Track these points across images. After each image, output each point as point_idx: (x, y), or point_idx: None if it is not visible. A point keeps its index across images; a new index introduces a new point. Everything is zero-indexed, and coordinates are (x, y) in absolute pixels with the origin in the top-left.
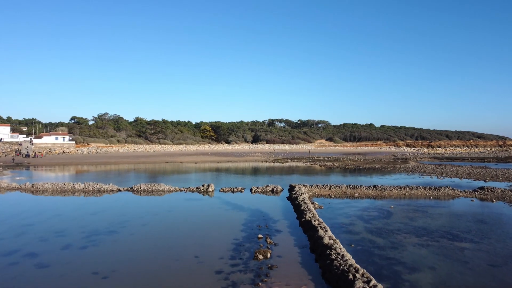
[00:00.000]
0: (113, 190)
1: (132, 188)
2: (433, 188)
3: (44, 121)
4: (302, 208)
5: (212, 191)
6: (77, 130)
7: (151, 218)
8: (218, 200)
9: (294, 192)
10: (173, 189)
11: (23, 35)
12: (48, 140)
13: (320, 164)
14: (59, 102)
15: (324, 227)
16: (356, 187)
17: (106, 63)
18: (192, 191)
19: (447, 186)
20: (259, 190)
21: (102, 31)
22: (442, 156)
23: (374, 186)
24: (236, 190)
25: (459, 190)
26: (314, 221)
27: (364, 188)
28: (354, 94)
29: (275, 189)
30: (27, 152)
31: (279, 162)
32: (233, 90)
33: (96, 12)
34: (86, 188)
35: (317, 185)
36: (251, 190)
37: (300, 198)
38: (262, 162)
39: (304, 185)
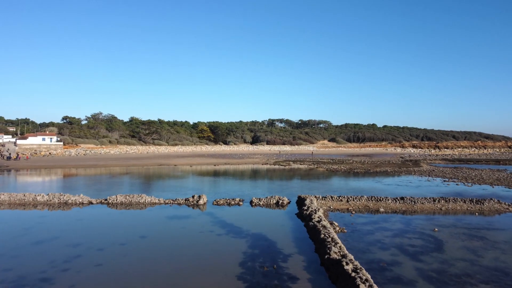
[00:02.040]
0: (83, 203)
1: (106, 200)
2: (474, 200)
3: (38, 121)
4: (322, 236)
5: (204, 204)
6: (67, 130)
7: (112, 253)
8: (209, 218)
9: (305, 208)
10: (157, 201)
11: (22, 34)
12: (33, 141)
13: (325, 167)
14: (55, 102)
15: (365, 279)
16: (380, 199)
17: (103, 63)
18: (179, 204)
19: (491, 199)
20: (260, 203)
21: (102, 31)
22: (453, 158)
23: (402, 199)
24: (233, 202)
25: (507, 203)
26: (347, 264)
27: (390, 201)
28: (355, 93)
29: (280, 201)
30: (9, 154)
31: (281, 165)
32: (232, 90)
33: (96, 13)
34: (50, 200)
35: (331, 197)
36: (251, 202)
37: (316, 218)
38: (262, 164)
39: (315, 197)
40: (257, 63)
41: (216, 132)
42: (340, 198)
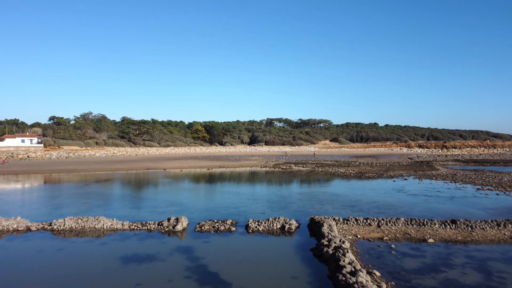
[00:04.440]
0: (18, 230)
1: (51, 225)
2: None
3: (29, 122)
4: None
5: (183, 229)
6: (51, 131)
7: None
8: (185, 259)
9: (325, 241)
10: (119, 226)
11: (19, 34)
12: (11, 143)
13: (331, 170)
14: (49, 102)
15: None
16: (423, 223)
17: (98, 62)
18: (149, 230)
19: None
20: (260, 228)
21: (97, 31)
22: (465, 159)
23: (454, 222)
24: (222, 227)
25: None
26: None
27: (437, 225)
28: (354, 92)
29: (286, 225)
30: None
31: (281, 168)
32: (229, 89)
33: (95, 13)
34: None
35: (356, 219)
36: (247, 227)
37: (347, 267)
38: (261, 167)
39: (334, 219)
40: (255, 62)
41: (212, 132)
42: (369, 221)
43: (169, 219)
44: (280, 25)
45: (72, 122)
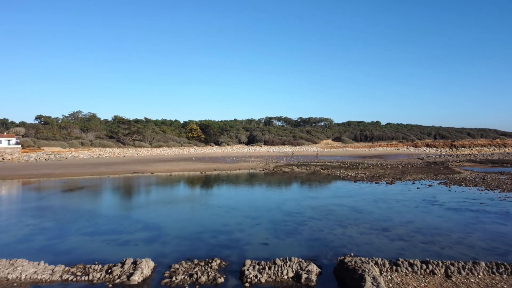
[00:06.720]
0: None
1: None
2: None
3: (18, 121)
4: None
5: (143, 281)
6: (33, 131)
7: None
8: None
9: None
10: (47, 276)
11: (22, 35)
12: None
13: (339, 173)
14: (42, 101)
15: None
16: None
17: (97, 63)
18: (90, 283)
19: None
20: (262, 278)
21: (102, 32)
22: (481, 159)
23: None
24: (204, 278)
25: None
26: None
27: None
28: (355, 90)
29: (302, 274)
30: None
31: (283, 170)
32: (227, 88)
33: (100, 14)
34: None
35: (410, 264)
36: (242, 275)
37: None
38: (260, 170)
39: (376, 264)
40: (252, 61)
41: (208, 132)
42: (430, 267)
43: (123, 264)
44: (280, 25)
45: (60, 121)
